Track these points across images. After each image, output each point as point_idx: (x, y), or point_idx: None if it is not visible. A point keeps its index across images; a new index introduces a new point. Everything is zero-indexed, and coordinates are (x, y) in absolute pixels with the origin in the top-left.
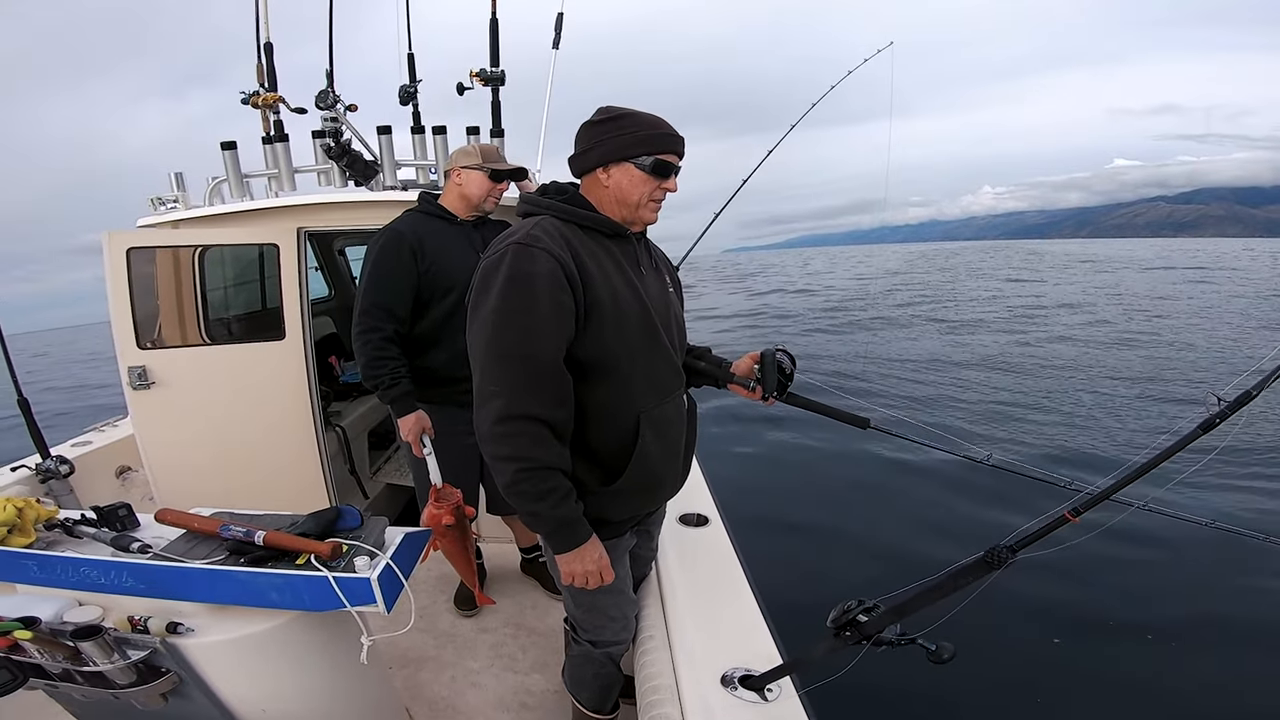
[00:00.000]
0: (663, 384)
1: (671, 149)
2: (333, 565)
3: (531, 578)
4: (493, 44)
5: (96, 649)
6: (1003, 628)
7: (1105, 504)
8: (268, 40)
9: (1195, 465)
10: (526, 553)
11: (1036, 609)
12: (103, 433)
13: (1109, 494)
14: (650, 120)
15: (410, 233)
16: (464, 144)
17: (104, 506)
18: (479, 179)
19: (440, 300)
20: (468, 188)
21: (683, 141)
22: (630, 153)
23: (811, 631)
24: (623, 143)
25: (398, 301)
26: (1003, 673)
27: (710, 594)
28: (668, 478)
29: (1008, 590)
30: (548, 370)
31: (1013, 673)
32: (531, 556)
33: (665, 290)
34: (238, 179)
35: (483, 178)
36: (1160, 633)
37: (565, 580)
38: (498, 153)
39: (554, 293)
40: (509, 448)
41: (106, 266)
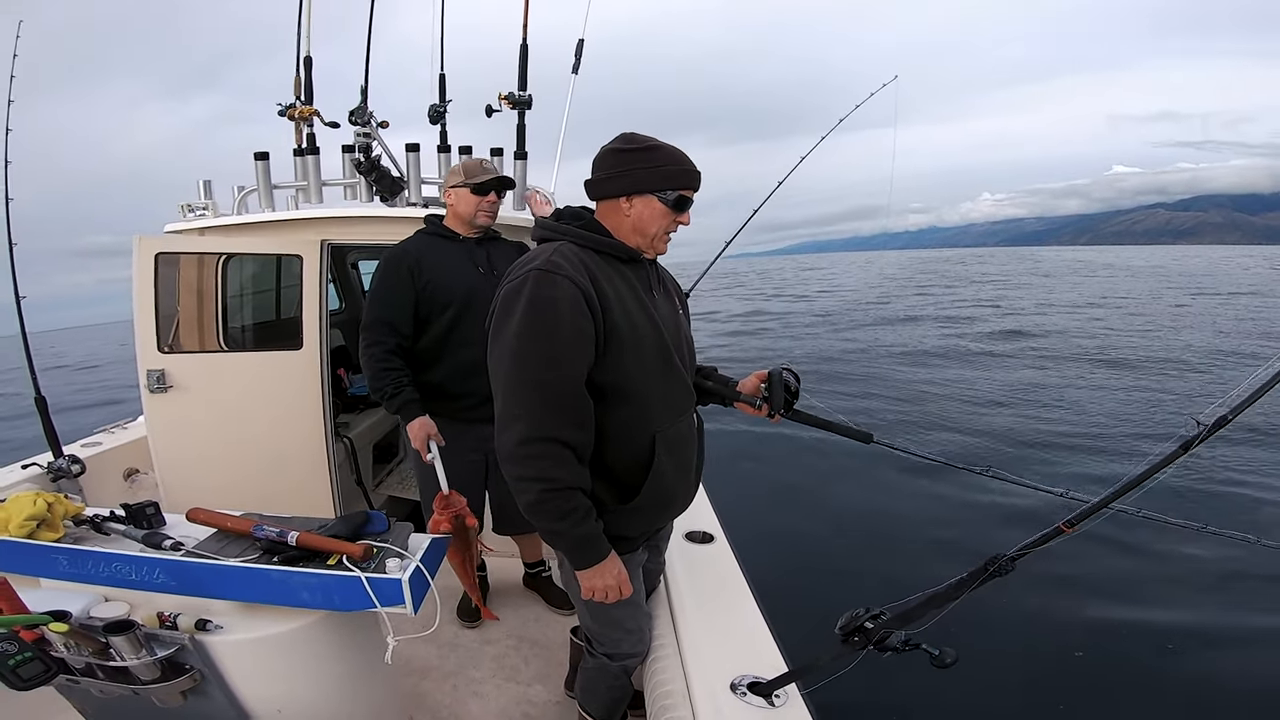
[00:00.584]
0: (676, 404)
1: (691, 185)
2: (364, 566)
3: (534, 592)
4: (522, 68)
5: (127, 644)
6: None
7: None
8: (308, 54)
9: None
10: (530, 568)
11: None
12: (112, 434)
13: (1101, 505)
14: (677, 155)
15: (412, 251)
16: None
17: (133, 504)
18: (464, 196)
19: (439, 316)
20: (458, 206)
21: (700, 177)
22: (656, 186)
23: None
24: (651, 176)
25: (400, 317)
26: (1003, 676)
27: (717, 606)
28: (680, 494)
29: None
30: (570, 394)
31: (1013, 676)
32: (534, 572)
33: (676, 313)
34: (268, 190)
35: (467, 194)
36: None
37: (586, 595)
38: (480, 166)
39: (575, 319)
40: (532, 469)
41: (135, 270)
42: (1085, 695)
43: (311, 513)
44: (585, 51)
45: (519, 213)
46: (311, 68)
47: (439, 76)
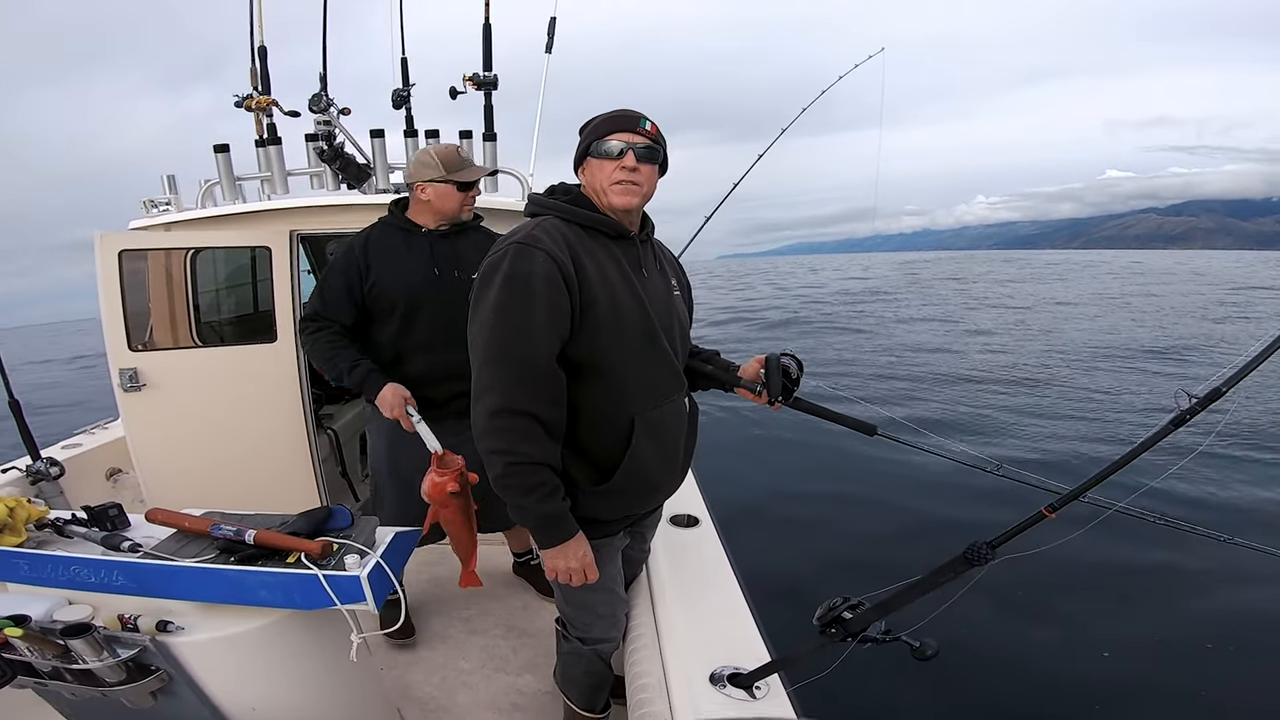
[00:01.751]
0: (660, 387)
1: (620, 128)
2: (323, 564)
3: (524, 579)
4: (485, 49)
5: (86, 647)
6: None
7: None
8: (262, 44)
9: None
10: (519, 556)
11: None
12: (93, 435)
13: (1083, 490)
14: (606, 114)
15: (363, 245)
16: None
17: (95, 506)
18: (448, 193)
19: (387, 317)
20: (438, 203)
21: (633, 119)
22: (588, 144)
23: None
24: (587, 141)
25: (338, 312)
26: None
27: (700, 593)
28: (663, 481)
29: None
30: (541, 369)
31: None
32: (523, 560)
33: (669, 293)
34: (230, 182)
35: (451, 191)
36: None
37: (549, 575)
38: (459, 155)
39: (550, 293)
40: (500, 441)
41: (98, 268)
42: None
43: (297, 506)
44: (587, 49)
45: (492, 195)
46: (266, 57)
47: (400, 60)
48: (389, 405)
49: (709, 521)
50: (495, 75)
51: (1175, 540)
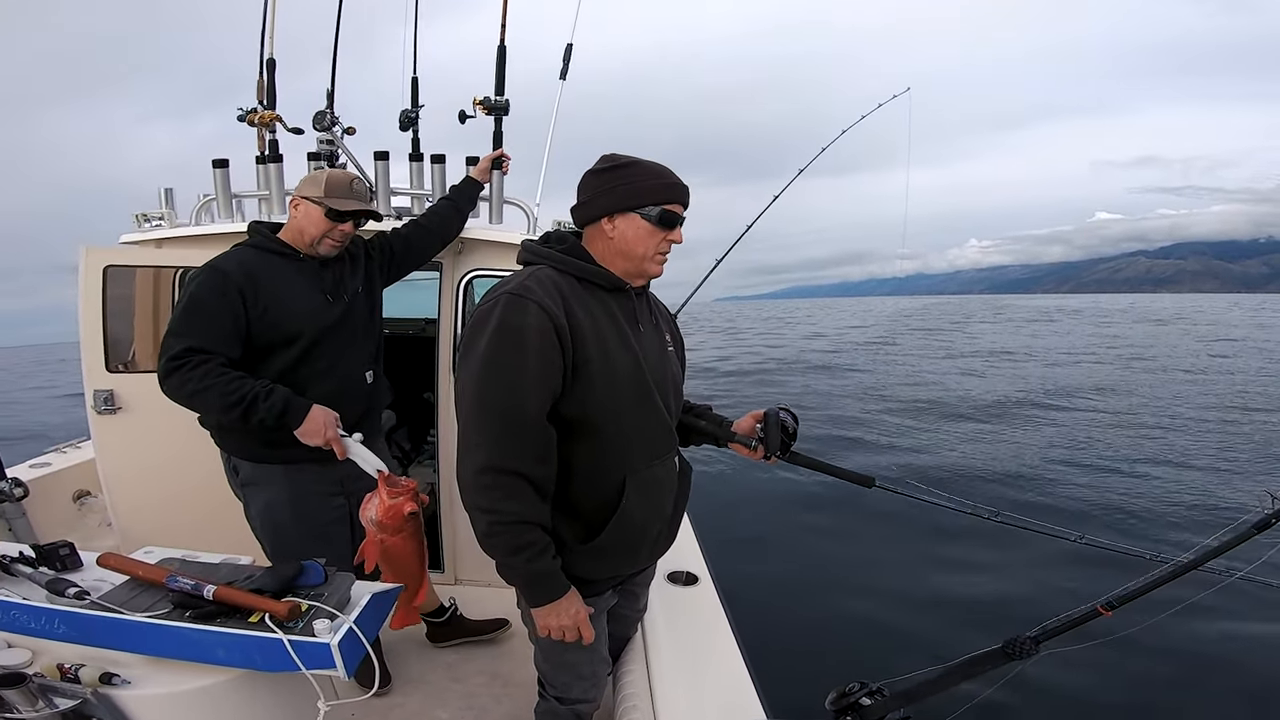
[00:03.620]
0: (653, 445)
1: (677, 199)
2: (289, 626)
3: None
4: (499, 72)
5: (20, 697)
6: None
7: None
8: (271, 56)
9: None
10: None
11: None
12: (64, 454)
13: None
14: (656, 169)
15: (237, 272)
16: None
17: (45, 545)
18: (314, 215)
19: (282, 350)
20: (301, 222)
21: (688, 191)
22: (636, 203)
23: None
24: (628, 192)
25: (222, 346)
26: None
27: (698, 658)
28: (651, 540)
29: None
30: (531, 425)
31: None
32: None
33: (663, 349)
34: (227, 198)
35: (319, 214)
36: None
37: (541, 633)
38: (349, 185)
39: (543, 348)
40: (487, 499)
41: (80, 283)
42: None
43: None
44: (592, 86)
45: (494, 227)
46: (275, 70)
47: (411, 80)
48: (320, 428)
49: (709, 580)
50: (507, 100)
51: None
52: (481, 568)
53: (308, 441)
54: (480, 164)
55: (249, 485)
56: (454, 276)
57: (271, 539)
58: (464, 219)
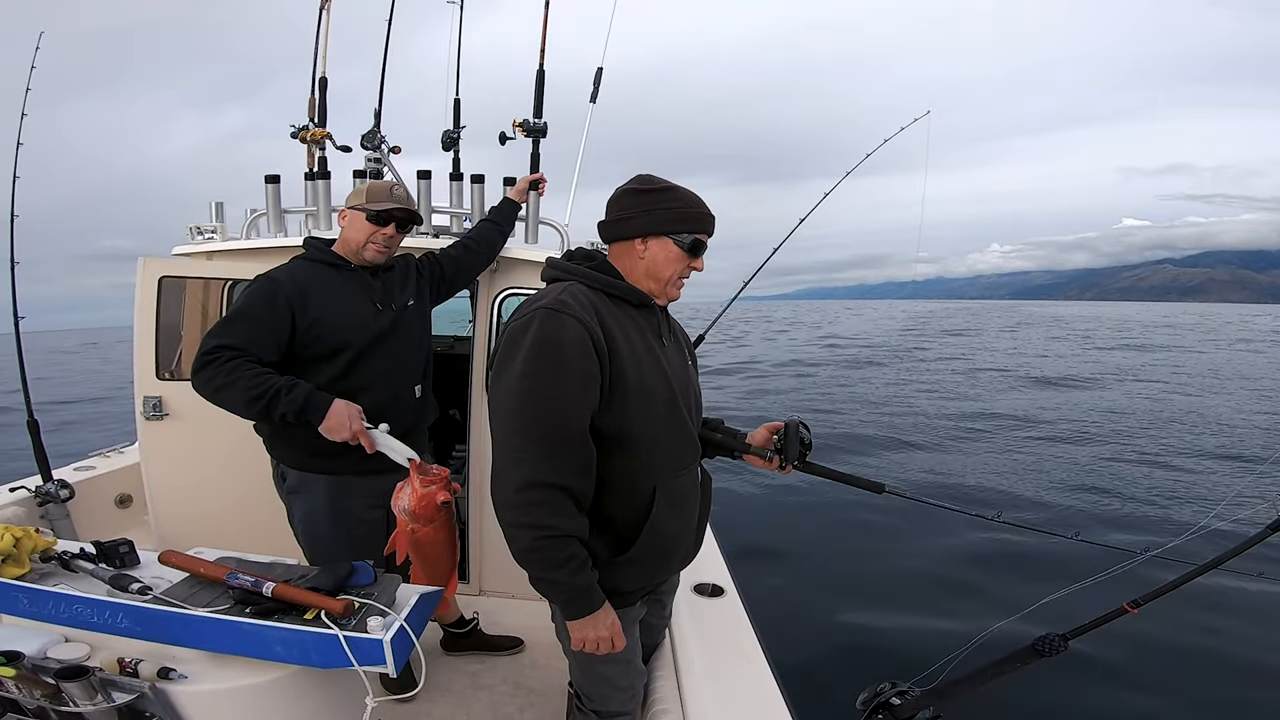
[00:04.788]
0: (680, 458)
1: (706, 229)
2: (344, 623)
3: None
4: (538, 95)
5: (80, 690)
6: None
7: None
8: (323, 75)
9: None
10: (452, 628)
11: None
12: (107, 458)
13: (1173, 587)
14: (692, 198)
15: (289, 282)
16: (503, 194)
17: (105, 542)
18: (358, 222)
19: (330, 360)
20: (348, 231)
21: (715, 222)
22: (672, 228)
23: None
24: (666, 217)
25: (260, 351)
26: None
27: (727, 667)
28: (680, 549)
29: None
30: (573, 439)
31: None
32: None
33: (685, 363)
34: (277, 214)
35: (362, 220)
36: None
37: (576, 646)
38: (388, 190)
39: (581, 361)
40: (529, 515)
41: (137, 292)
42: None
43: None
44: (605, 84)
45: (529, 246)
46: (327, 89)
47: (454, 101)
48: (344, 421)
49: (734, 591)
50: (545, 123)
51: None
52: (507, 579)
53: (333, 437)
54: (518, 185)
55: (293, 493)
56: (489, 295)
57: (310, 546)
58: (505, 240)
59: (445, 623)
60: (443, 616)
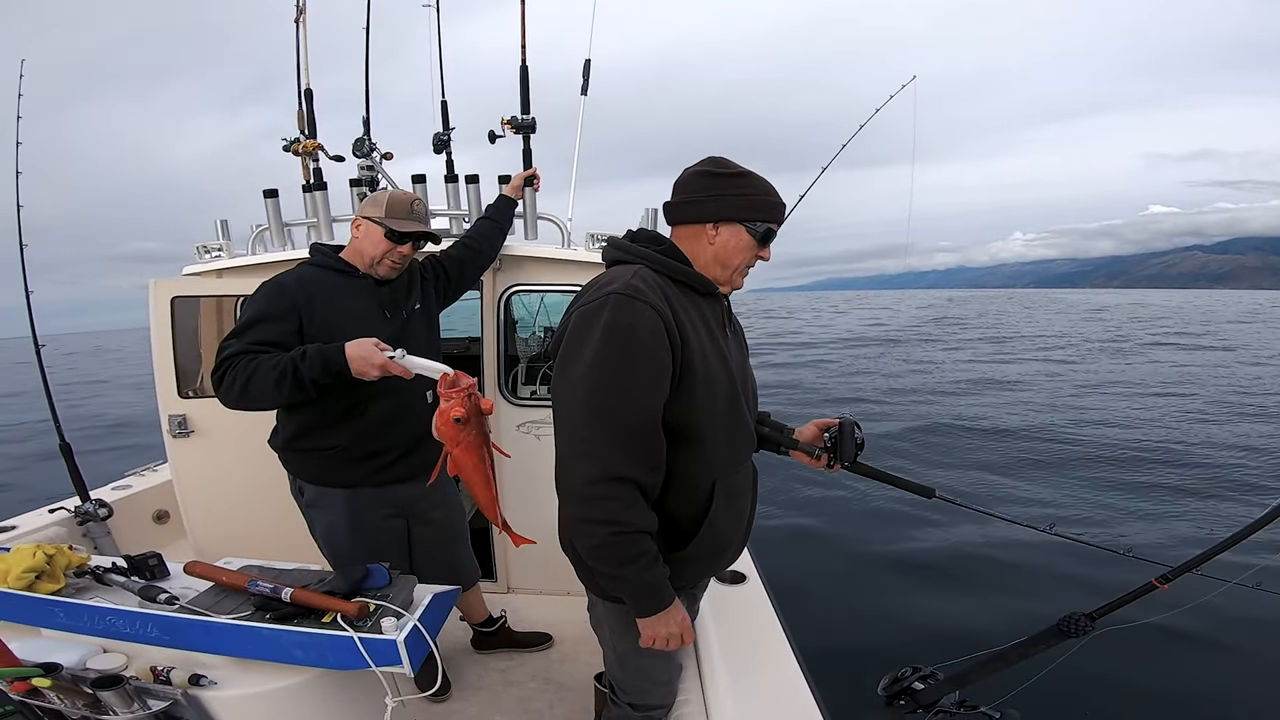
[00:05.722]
0: (739, 452)
1: (779, 219)
2: (359, 625)
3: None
4: (523, 92)
5: (117, 698)
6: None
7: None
8: (308, 86)
9: None
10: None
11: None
12: (143, 476)
13: (1199, 562)
14: (768, 185)
15: (296, 287)
16: (498, 192)
17: (135, 556)
18: (375, 235)
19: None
20: (362, 242)
21: (785, 211)
22: (746, 215)
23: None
24: (741, 203)
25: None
26: None
27: (750, 656)
28: (732, 547)
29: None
30: (645, 431)
31: None
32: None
33: (745, 354)
34: (279, 228)
35: (379, 235)
36: None
37: (645, 643)
38: (409, 206)
39: (655, 350)
40: (601, 511)
41: (151, 314)
42: None
43: None
44: (609, 80)
45: (530, 242)
46: (313, 100)
47: (441, 103)
48: (368, 354)
49: (756, 578)
50: (533, 119)
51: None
52: (534, 576)
53: (366, 376)
54: (513, 182)
55: (312, 507)
56: (494, 293)
57: (333, 558)
58: (504, 237)
59: (474, 622)
60: (471, 616)
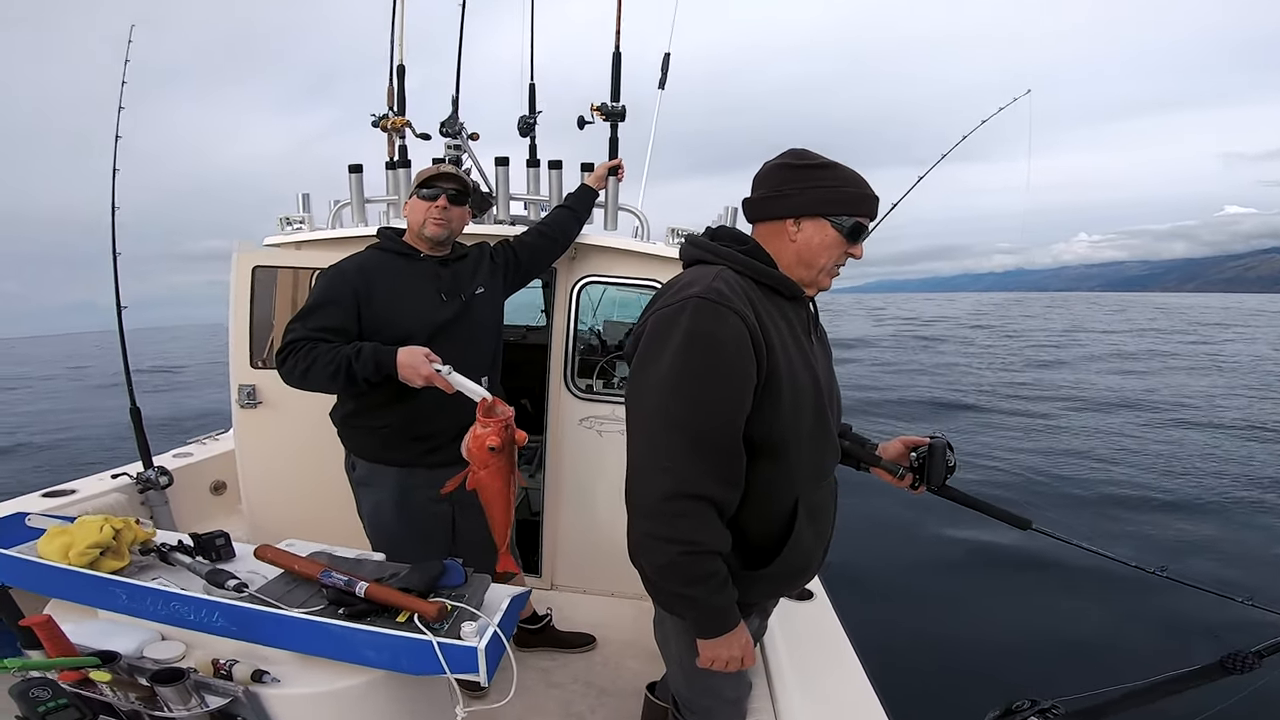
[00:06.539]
0: (823, 467)
1: (870, 212)
2: (436, 627)
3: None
4: (614, 78)
5: (175, 695)
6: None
7: None
8: (400, 63)
9: None
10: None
11: None
12: (204, 445)
13: None
14: (856, 176)
15: (356, 272)
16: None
17: (202, 534)
18: (414, 203)
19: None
20: (410, 217)
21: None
22: (832, 209)
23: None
24: (825, 196)
25: (329, 337)
26: None
27: (822, 673)
28: (813, 565)
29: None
30: (725, 445)
31: None
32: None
33: (830, 362)
34: (360, 203)
35: (415, 200)
36: None
37: (704, 664)
38: (436, 167)
39: (739, 359)
40: (672, 528)
41: (232, 282)
42: None
43: None
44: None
45: (608, 233)
46: (404, 77)
47: (529, 87)
48: (415, 368)
49: (823, 595)
50: (624, 106)
51: None
52: (579, 574)
53: (411, 383)
54: (596, 171)
55: (361, 485)
56: (568, 282)
57: (375, 537)
58: (582, 226)
59: (521, 619)
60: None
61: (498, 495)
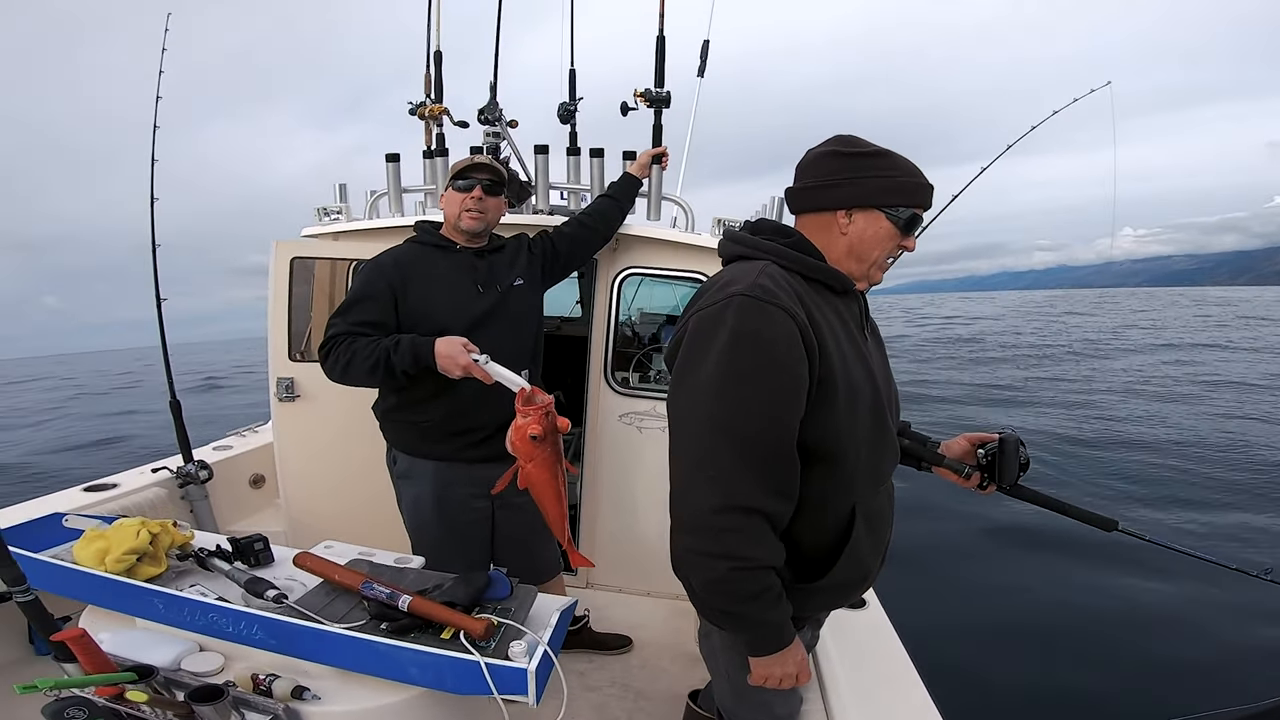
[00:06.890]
0: (881, 471)
1: (925, 203)
2: (483, 646)
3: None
4: (658, 63)
5: (214, 713)
6: None
7: None
8: (438, 49)
9: None
10: None
11: None
12: (244, 438)
13: None
14: (911, 165)
15: (393, 266)
16: (622, 169)
17: (241, 538)
18: (449, 195)
19: None
20: (446, 210)
21: (934, 194)
22: (885, 200)
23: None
24: (881, 186)
25: (368, 331)
26: None
27: (876, 686)
28: (871, 574)
29: None
30: (778, 453)
31: None
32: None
33: (886, 360)
34: (398, 193)
35: (451, 193)
36: None
37: (756, 682)
38: (470, 159)
39: (790, 361)
40: (721, 544)
41: (271, 275)
42: None
43: None
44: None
45: (651, 224)
46: (441, 63)
47: (569, 72)
48: (453, 359)
49: (877, 603)
50: (668, 92)
51: None
52: (615, 574)
53: (449, 374)
54: (639, 159)
55: (402, 478)
56: (609, 274)
57: (414, 532)
58: (624, 216)
59: None
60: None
61: (546, 487)
